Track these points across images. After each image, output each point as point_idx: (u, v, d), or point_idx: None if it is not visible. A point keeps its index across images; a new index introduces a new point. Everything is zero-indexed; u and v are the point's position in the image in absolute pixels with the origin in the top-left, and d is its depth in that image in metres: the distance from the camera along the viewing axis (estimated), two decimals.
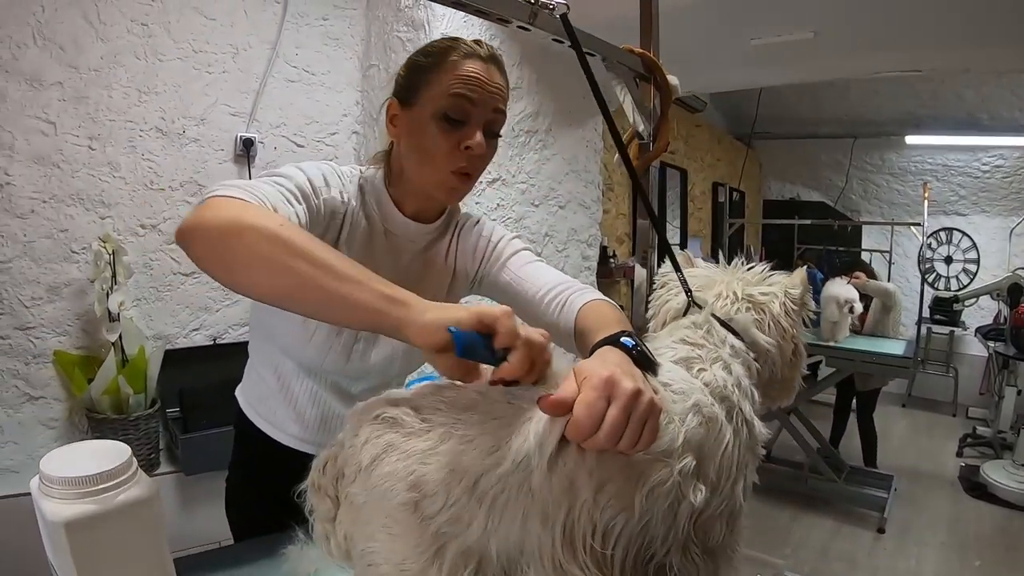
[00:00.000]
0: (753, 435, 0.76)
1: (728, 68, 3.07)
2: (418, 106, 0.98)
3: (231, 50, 2.46)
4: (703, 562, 0.69)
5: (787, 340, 0.92)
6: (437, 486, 0.61)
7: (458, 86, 0.95)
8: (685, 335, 0.85)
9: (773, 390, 0.94)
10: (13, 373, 2.03)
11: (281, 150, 2.63)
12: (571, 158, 3.09)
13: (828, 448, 4.12)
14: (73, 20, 2.08)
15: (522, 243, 1.14)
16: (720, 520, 0.70)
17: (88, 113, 2.13)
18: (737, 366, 0.81)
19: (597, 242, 3.41)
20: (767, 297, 0.92)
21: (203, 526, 2.10)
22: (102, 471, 0.62)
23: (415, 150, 1.00)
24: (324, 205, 0.97)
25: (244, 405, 1.22)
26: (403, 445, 0.64)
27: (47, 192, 2.06)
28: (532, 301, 1.03)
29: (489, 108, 0.98)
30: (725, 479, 0.69)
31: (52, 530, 0.60)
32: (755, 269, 0.97)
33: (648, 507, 0.62)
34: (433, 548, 0.61)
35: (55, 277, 2.09)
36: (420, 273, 1.12)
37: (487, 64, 0.98)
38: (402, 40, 2.58)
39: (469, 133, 0.97)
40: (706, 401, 0.70)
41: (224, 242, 0.72)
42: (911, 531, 3.54)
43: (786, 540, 3.44)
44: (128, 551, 0.63)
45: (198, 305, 2.44)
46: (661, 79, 1.17)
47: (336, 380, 1.12)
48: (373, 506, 0.65)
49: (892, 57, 2.64)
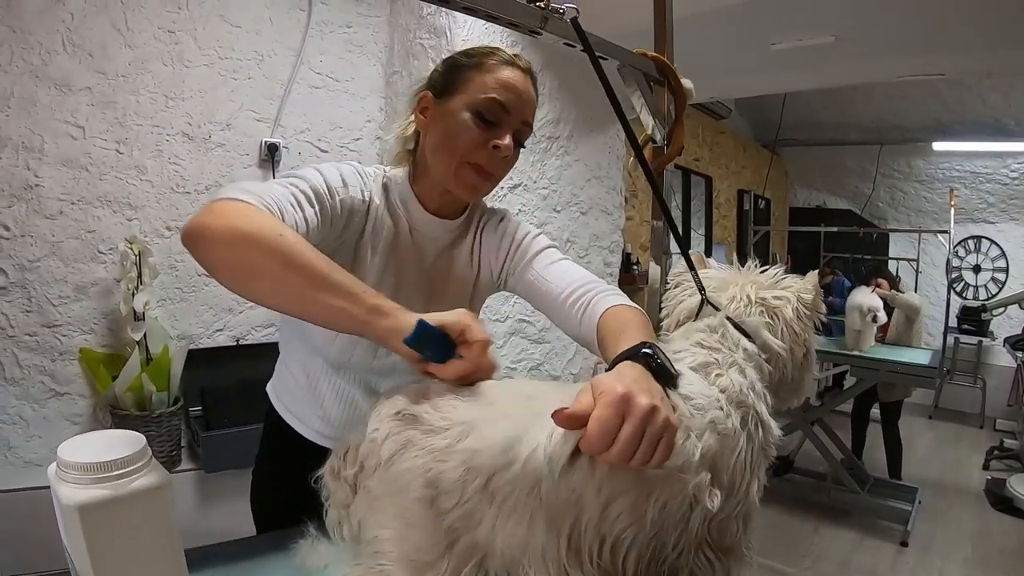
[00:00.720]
0: (767, 436, 0.77)
1: (750, 73, 3.06)
2: (454, 100, 1.00)
3: (256, 57, 2.50)
4: (717, 560, 0.69)
5: (799, 344, 0.92)
6: (453, 484, 0.62)
7: (496, 90, 0.98)
8: (701, 339, 0.85)
9: (783, 391, 0.94)
10: (40, 369, 2.08)
11: (305, 155, 2.66)
12: (593, 164, 3.09)
13: (852, 459, 4.06)
14: (101, 27, 2.13)
15: (547, 240, 1.14)
16: (736, 520, 0.71)
17: (116, 118, 2.18)
18: (751, 370, 0.82)
19: (619, 248, 3.40)
20: (780, 302, 0.92)
21: (223, 523, 2.14)
22: (117, 458, 0.64)
23: (443, 137, 1.01)
24: (341, 205, 0.98)
25: (274, 400, 1.24)
26: (422, 442, 0.65)
27: (75, 194, 2.11)
28: (556, 302, 1.03)
29: (519, 119, 1.01)
30: (739, 483, 0.70)
31: (66, 514, 0.61)
32: (768, 272, 0.97)
33: (660, 519, 0.63)
34: (445, 543, 0.63)
35: (82, 277, 2.14)
36: (445, 272, 1.13)
37: (524, 76, 1.01)
38: (424, 47, 2.61)
39: (499, 135, 0.99)
40: (721, 416, 0.70)
41: (224, 250, 0.75)
42: (935, 545, 3.47)
43: (806, 551, 3.39)
44: (140, 536, 0.65)
45: (222, 306, 2.48)
46: (675, 83, 1.17)
47: (364, 377, 1.13)
48: (390, 499, 0.66)
49: (914, 60, 2.61)
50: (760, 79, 3.19)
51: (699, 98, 3.85)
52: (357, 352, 1.06)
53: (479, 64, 1.00)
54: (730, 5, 2.19)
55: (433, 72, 1.06)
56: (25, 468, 2.03)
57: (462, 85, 0.99)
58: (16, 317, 2.02)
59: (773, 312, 0.91)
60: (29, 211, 2.03)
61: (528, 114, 1.02)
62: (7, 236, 1.99)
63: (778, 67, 2.85)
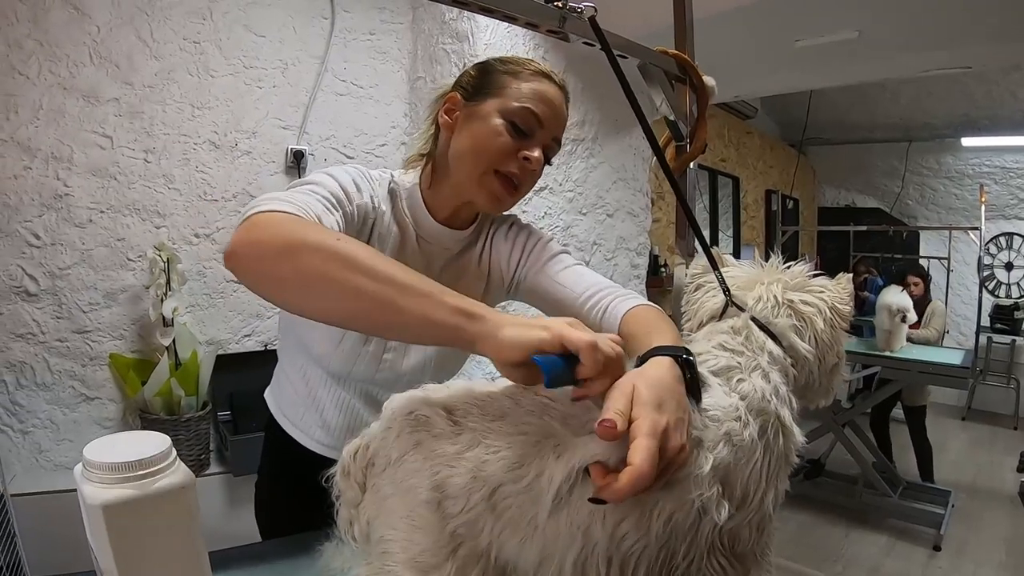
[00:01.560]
0: (789, 444, 0.75)
1: (774, 72, 3.03)
2: (486, 103, 0.96)
3: (281, 65, 2.53)
4: (731, 566, 0.68)
5: (832, 353, 0.89)
6: (459, 490, 0.62)
7: (531, 100, 0.95)
8: (724, 340, 0.83)
9: (810, 393, 0.91)
10: (70, 374, 2.13)
11: (332, 161, 2.68)
12: (619, 166, 3.08)
13: (883, 462, 3.98)
14: (127, 39, 2.18)
15: (559, 245, 1.10)
16: (748, 527, 0.69)
17: (143, 127, 2.22)
18: (775, 374, 0.79)
19: (646, 250, 3.37)
20: (811, 309, 0.88)
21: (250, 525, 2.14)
22: (141, 458, 0.64)
23: (471, 140, 0.96)
24: (357, 211, 0.95)
25: (273, 409, 1.21)
26: (432, 445, 0.65)
27: (104, 203, 2.16)
28: (572, 307, 1.00)
29: (551, 134, 0.98)
30: (753, 493, 0.68)
31: (91, 513, 0.62)
32: (793, 270, 0.93)
33: (667, 531, 0.62)
34: (450, 546, 0.63)
35: (112, 283, 2.18)
36: (453, 282, 1.08)
37: (559, 92, 0.99)
38: (447, 52, 2.62)
39: (530, 145, 0.96)
40: (738, 427, 0.68)
41: (279, 263, 0.67)
42: (968, 549, 3.39)
43: (837, 556, 3.33)
44: (163, 536, 0.65)
45: (250, 312, 2.52)
46: (697, 80, 1.16)
47: (366, 388, 1.10)
48: (398, 500, 0.66)
49: (939, 54, 2.56)
50: (784, 77, 3.15)
51: (723, 98, 3.83)
52: (359, 364, 1.04)
53: (515, 72, 0.97)
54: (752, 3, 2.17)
55: (463, 75, 1.03)
56: (56, 471, 2.08)
57: (496, 89, 0.96)
58: (47, 323, 2.07)
59: (802, 318, 0.88)
60: (59, 220, 2.08)
61: (559, 131, 1.00)
62: (38, 244, 2.04)
63: (802, 65, 2.81)
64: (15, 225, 2.01)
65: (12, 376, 2.04)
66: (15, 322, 2.03)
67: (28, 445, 2.08)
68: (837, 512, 3.79)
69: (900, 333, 3.83)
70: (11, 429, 2.05)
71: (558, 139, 1.00)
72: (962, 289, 5.99)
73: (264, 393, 1.25)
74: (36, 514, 1.84)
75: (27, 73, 2.01)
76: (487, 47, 2.48)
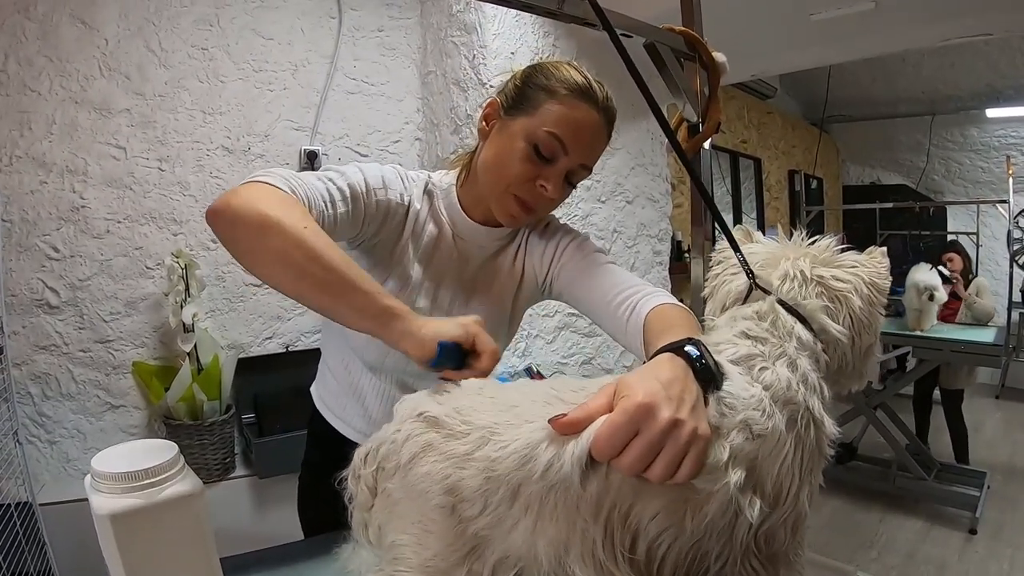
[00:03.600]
0: (821, 435, 0.70)
1: (790, 48, 2.95)
2: (516, 121, 0.96)
3: (290, 67, 2.53)
4: (763, 569, 0.65)
5: (869, 332, 0.83)
6: (474, 492, 0.59)
7: (559, 126, 0.93)
8: (747, 328, 0.77)
9: (843, 378, 0.85)
10: (95, 384, 2.15)
11: (345, 161, 2.68)
12: (636, 152, 3.03)
13: (917, 444, 3.90)
14: (137, 50, 2.19)
15: (593, 245, 1.09)
16: (784, 528, 0.66)
17: (156, 136, 2.24)
18: (804, 361, 0.74)
19: (668, 236, 3.32)
20: (846, 285, 0.82)
21: (276, 528, 2.17)
22: (147, 467, 0.64)
23: (495, 159, 0.98)
24: (377, 206, 0.98)
25: (317, 401, 1.25)
26: (442, 446, 0.63)
27: (121, 213, 2.17)
28: (602, 307, 1.00)
29: (578, 160, 0.97)
30: (788, 489, 0.65)
31: (100, 523, 0.62)
32: (820, 243, 0.87)
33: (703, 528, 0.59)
34: (466, 548, 0.60)
35: (132, 292, 2.20)
36: (488, 279, 1.11)
37: (598, 116, 0.96)
38: (456, 44, 2.59)
39: (549, 174, 0.95)
40: (757, 416, 0.64)
41: (249, 234, 0.76)
42: (1004, 532, 3.29)
43: (872, 542, 3.27)
44: (173, 545, 0.65)
45: (270, 315, 2.52)
46: (707, 57, 1.12)
47: (401, 378, 1.12)
48: (409, 504, 0.64)
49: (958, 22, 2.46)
50: (801, 53, 3.07)
51: (740, 77, 3.75)
52: (392, 355, 1.04)
53: (553, 90, 0.94)
54: None
55: (509, 79, 1.02)
56: (83, 480, 2.10)
57: (530, 108, 0.95)
58: (70, 335, 2.09)
59: (836, 296, 0.81)
60: (77, 232, 2.10)
61: (587, 158, 0.98)
62: (57, 257, 2.06)
63: (819, 39, 2.74)
64: (34, 239, 2.04)
65: (38, 388, 2.07)
66: (38, 334, 2.06)
67: (56, 455, 2.10)
68: (871, 497, 3.72)
69: (930, 312, 3.74)
70: (39, 440, 2.08)
71: (586, 165, 0.99)
72: (992, 264, 5.83)
73: (310, 388, 1.28)
74: (65, 522, 1.86)
75: (39, 89, 2.03)
76: (495, 37, 2.46)
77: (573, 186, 1.01)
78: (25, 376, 2.05)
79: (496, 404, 0.66)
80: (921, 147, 6.36)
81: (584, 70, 0.98)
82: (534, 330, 2.66)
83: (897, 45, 2.99)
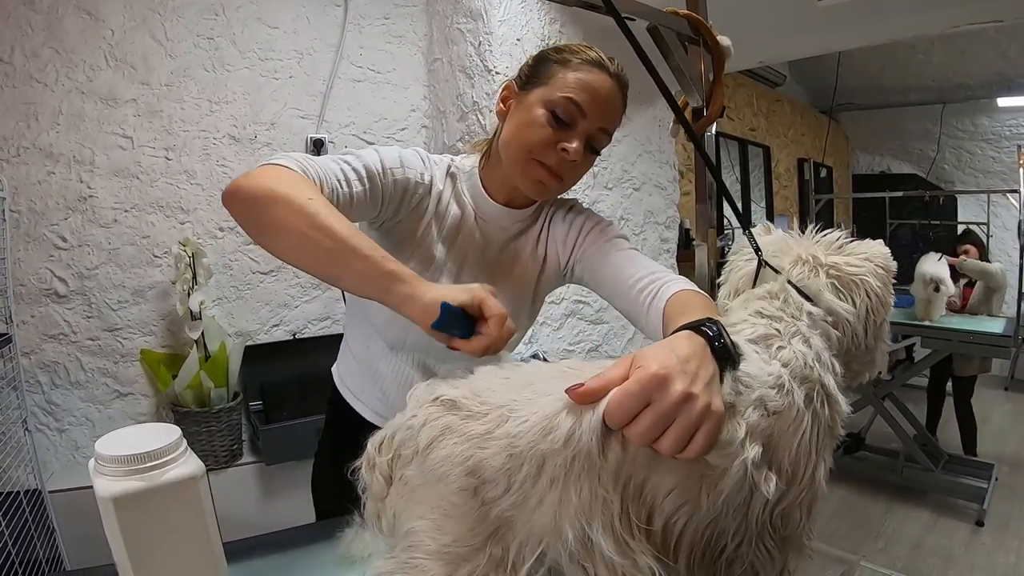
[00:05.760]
0: (835, 414, 0.71)
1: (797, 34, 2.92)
2: (533, 93, 0.98)
3: (296, 55, 2.52)
4: (777, 551, 0.65)
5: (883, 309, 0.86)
6: (497, 472, 0.59)
7: (574, 90, 0.95)
8: (761, 307, 0.79)
9: (855, 362, 0.87)
10: (103, 372, 2.16)
11: (352, 148, 2.67)
12: (644, 139, 3.00)
13: (925, 435, 3.89)
14: (142, 40, 2.19)
15: (616, 231, 1.10)
16: (800, 508, 0.66)
17: (163, 126, 2.24)
18: (816, 338, 0.76)
19: (676, 224, 3.29)
20: (859, 269, 0.85)
21: (283, 514, 2.19)
22: (149, 450, 0.64)
23: (515, 130, 0.99)
24: (394, 185, 0.99)
25: (337, 381, 1.26)
26: (461, 428, 0.63)
27: (128, 202, 2.18)
28: (623, 291, 1.00)
29: (596, 124, 0.98)
30: (804, 467, 0.65)
31: (103, 505, 0.62)
32: (831, 235, 0.90)
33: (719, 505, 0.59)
34: (487, 532, 0.60)
35: (139, 281, 2.21)
36: (510, 262, 1.12)
37: (611, 81, 0.98)
38: (462, 31, 2.58)
39: (570, 137, 0.96)
40: (773, 394, 0.65)
41: (258, 209, 0.80)
42: (1011, 524, 3.28)
43: (878, 533, 3.26)
44: (174, 527, 0.65)
45: (278, 302, 2.53)
46: (711, 40, 1.11)
47: (422, 359, 1.13)
48: (428, 489, 0.64)
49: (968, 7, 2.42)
50: (808, 39, 3.04)
51: (747, 64, 3.72)
52: (412, 334, 1.04)
53: (566, 60, 0.97)
54: None
55: (524, 64, 1.04)
56: None
57: (545, 79, 0.97)
58: (78, 323, 2.11)
59: (851, 280, 0.84)
60: (85, 221, 2.10)
61: (607, 121, 0.99)
62: (65, 247, 2.07)
63: (826, 25, 2.70)
64: (42, 229, 2.04)
65: (47, 376, 2.08)
66: (47, 323, 2.07)
67: (65, 443, 2.12)
68: (878, 487, 3.72)
69: (938, 302, 3.72)
70: (48, 428, 2.09)
71: (606, 129, 1.00)
72: (1002, 255, 5.77)
73: (331, 368, 1.29)
74: (74, 509, 1.88)
75: (45, 81, 2.03)
76: (501, 24, 2.44)
77: (597, 152, 1.02)
78: (34, 365, 2.06)
79: (511, 383, 0.66)
80: (931, 136, 6.32)
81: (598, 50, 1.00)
82: (541, 317, 2.65)
83: (905, 32, 2.96)
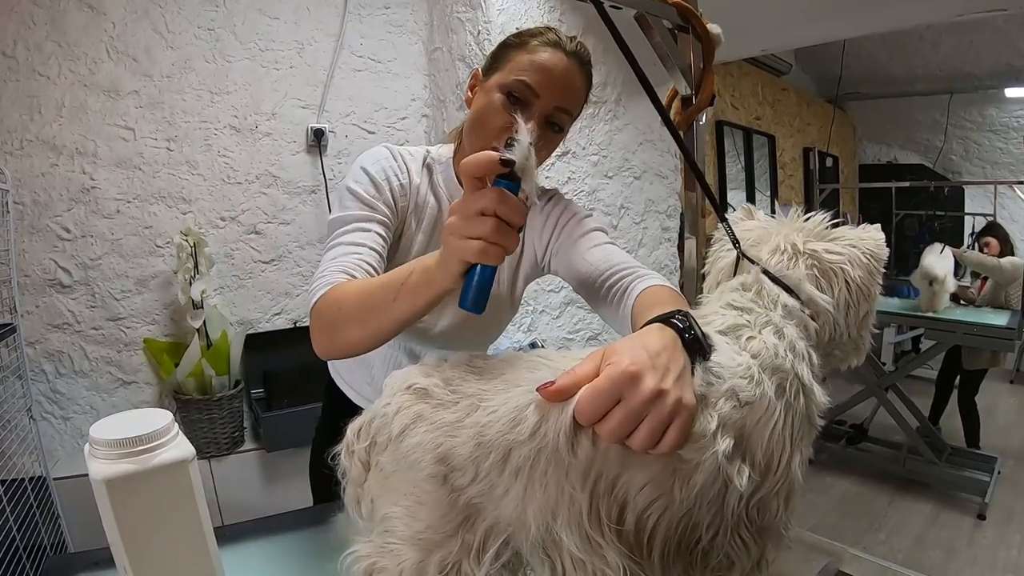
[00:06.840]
0: (811, 404, 0.71)
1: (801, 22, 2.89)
2: (491, 79, 0.99)
3: (297, 46, 2.53)
4: (753, 543, 0.65)
5: (867, 301, 0.84)
6: (465, 460, 0.60)
7: (527, 72, 0.95)
8: (733, 299, 0.79)
9: (839, 350, 0.86)
10: (107, 360, 2.19)
11: (352, 138, 2.69)
12: (644, 127, 2.98)
13: (928, 427, 3.88)
14: (143, 32, 2.20)
15: (594, 222, 1.09)
16: (776, 498, 0.66)
17: (164, 117, 2.25)
18: (790, 328, 0.75)
19: (677, 213, 3.27)
20: (839, 257, 0.83)
21: (284, 500, 2.22)
22: (141, 434, 0.66)
23: (475, 116, 1.00)
24: (386, 205, 1.00)
25: (330, 367, 1.29)
26: (432, 416, 0.63)
27: (131, 193, 2.20)
28: (594, 286, 0.99)
29: (551, 103, 0.97)
30: (779, 458, 0.65)
31: (97, 488, 0.64)
32: (814, 219, 0.87)
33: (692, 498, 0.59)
34: (459, 519, 0.61)
35: (142, 271, 2.23)
36: None
37: (568, 59, 0.97)
38: (462, 20, 2.57)
39: (526, 117, 0.96)
40: (744, 384, 0.65)
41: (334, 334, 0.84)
42: (1014, 518, 3.27)
43: (880, 526, 3.26)
44: (166, 510, 0.67)
45: (279, 291, 2.55)
46: (700, 28, 1.11)
47: (409, 345, 1.14)
48: (401, 476, 0.65)
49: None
50: (813, 27, 3.02)
51: (750, 52, 3.69)
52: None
53: (523, 44, 0.98)
54: None
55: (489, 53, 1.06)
56: None
57: (503, 64, 0.98)
58: (82, 313, 2.13)
59: (830, 268, 0.82)
60: (88, 212, 2.13)
61: (564, 100, 0.98)
62: (68, 238, 2.10)
63: (830, 12, 2.69)
64: (46, 221, 2.07)
65: (51, 365, 2.11)
66: (51, 313, 2.09)
67: (70, 431, 2.15)
68: (881, 479, 3.71)
69: (941, 294, 3.70)
70: (53, 416, 2.12)
71: (564, 108, 0.99)
72: None
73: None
74: (79, 495, 1.89)
75: (48, 74, 2.05)
76: (500, 12, 2.43)
77: (561, 131, 1.01)
78: (39, 354, 2.09)
79: (483, 373, 0.67)
80: (939, 126, 6.26)
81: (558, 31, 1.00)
82: (540, 305, 2.66)
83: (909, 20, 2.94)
